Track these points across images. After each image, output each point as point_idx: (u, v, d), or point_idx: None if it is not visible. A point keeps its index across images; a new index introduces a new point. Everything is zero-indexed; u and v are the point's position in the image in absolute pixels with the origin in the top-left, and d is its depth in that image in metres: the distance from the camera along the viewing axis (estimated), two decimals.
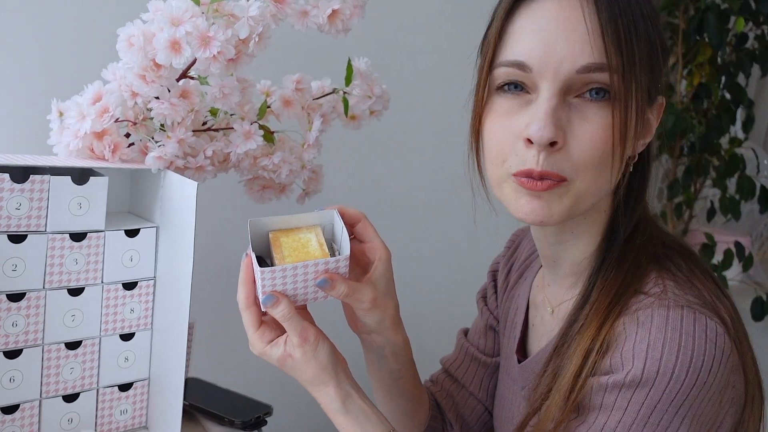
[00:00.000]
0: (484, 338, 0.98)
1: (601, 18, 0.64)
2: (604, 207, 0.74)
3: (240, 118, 0.95)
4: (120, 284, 0.89)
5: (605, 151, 0.65)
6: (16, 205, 0.80)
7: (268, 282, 0.73)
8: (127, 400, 0.93)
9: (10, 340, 0.82)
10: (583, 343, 0.68)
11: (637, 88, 0.65)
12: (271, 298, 0.73)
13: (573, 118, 0.65)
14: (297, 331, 0.74)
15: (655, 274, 0.70)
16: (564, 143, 0.65)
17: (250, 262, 0.75)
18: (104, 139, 0.87)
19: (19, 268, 0.82)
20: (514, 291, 0.93)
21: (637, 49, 0.65)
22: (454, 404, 0.98)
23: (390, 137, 1.44)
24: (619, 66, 0.64)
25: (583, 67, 0.65)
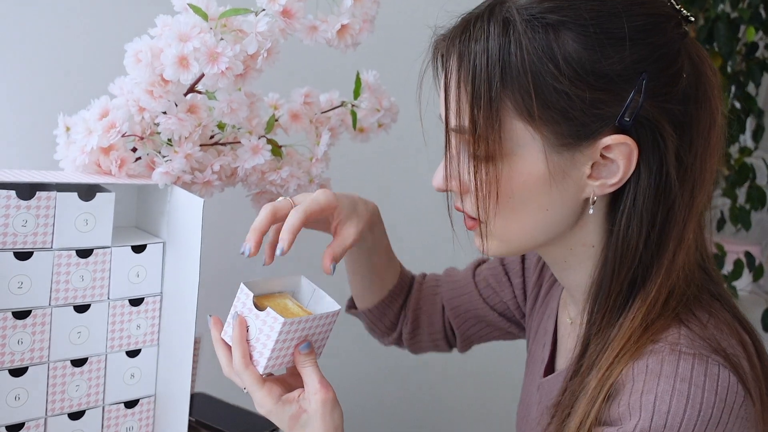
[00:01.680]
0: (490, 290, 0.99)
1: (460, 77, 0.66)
2: (590, 241, 0.71)
3: (248, 133, 0.94)
4: (126, 300, 0.89)
5: (491, 201, 0.67)
6: (22, 222, 0.79)
7: (284, 335, 0.72)
8: (133, 417, 0.92)
9: (15, 358, 0.81)
10: (591, 388, 0.66)
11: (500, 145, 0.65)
12: (309, 345, 0.73)
13: (462, 170, 0.69)
14: (318, 377, 0.72)
15: (675, 324, 0.67)
16: (463, 190, 0.70)
17: (243, 321, 0.74)
18: (111, 154, 0.87)
19: (24, 285, 0.81)
20: (547, 300, 0.91)
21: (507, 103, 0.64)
22: (423, 309, 1.01)
23: (398, 150, 1.43)
24: (470, 127, 0.66)
25: (448, 128, 0.69)
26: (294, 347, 0.74)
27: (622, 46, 0.63)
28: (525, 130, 0.65)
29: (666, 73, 0.65)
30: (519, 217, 0.68)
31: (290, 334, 0.72)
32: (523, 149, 0.66)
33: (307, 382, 0.72)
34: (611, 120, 0.64)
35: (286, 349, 0.74)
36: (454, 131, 0.68)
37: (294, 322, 0.71)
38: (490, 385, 1.65)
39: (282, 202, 0.79)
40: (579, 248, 0.72)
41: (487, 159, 0.66)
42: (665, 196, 0.66)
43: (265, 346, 0.72)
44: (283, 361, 0.75)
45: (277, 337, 0.71)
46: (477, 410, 1.65)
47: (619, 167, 0.66)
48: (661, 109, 0.65)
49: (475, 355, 1.62)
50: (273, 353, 0.72)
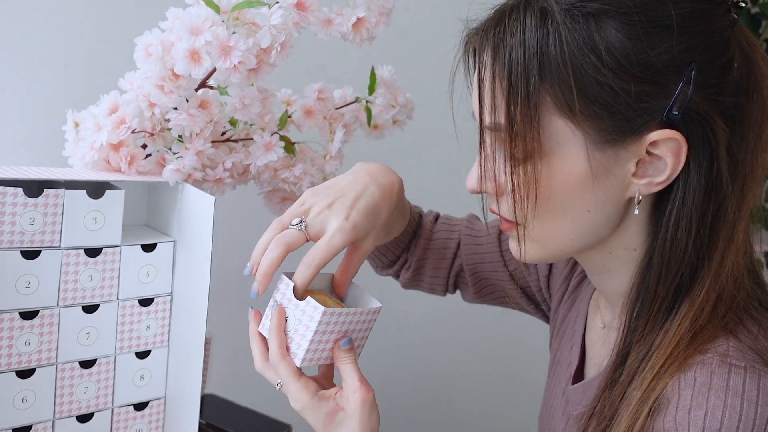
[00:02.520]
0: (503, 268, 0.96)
1: (495, 72, 0.63)
2: (631, 245, 0.68)
3: (260, 129, 0.92)
4: (136, 300, 0.87)
5: (530, 203, 0.64)
6: (29, 220, 0.77)
7: (323, 326, 0.69)
8: (143, 420, 0.90)
9: (23, 359, 0.80)
10: (635, 400, 0.63)
11: (540, 143, 0.62)
12: (349, 341, 0.71)
13: (498, 170, 0.66)
14: (358, 376, 0.70)
15: (723, 334, 0.64)
16: (500, 191, 0.67)
17: (282, 312, 0.71)
18: (120, 150, 0.85)
19: (32, 285, 0.79)
20: (574, 297, 0.88)
21: (546, 99, 0.61)
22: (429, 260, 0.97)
23: (413, 147, 1.41)
24: (507, 125, 0.63)
25: (483, 126, 0.66)
26: (333, 342, 0.71)
27: (669, 34, 0.60)
28: (565, 126, 0.62)
29: (716, 64, 0.61)
30: (559, 220, 0.65)
31: (330, 326, 0.70)
32: (563, 147, 0.62)
33: (346, 379, 0.70)
34: (658, 114, 0.61)
35: (325, 343, 0.71)
36: (489, 129, 0.65)
37: (334, 314, 0.69)
38: (506, 387, 1.62)
39: (295, 236, 0.72)
40: (620, 252, 0.69)
41: (524, 158, 0.63)
42: (715, 193, 0.63)
43: (303, 337, 0.70)
44: (321, 355, 0.72)
45: (316, 328, 0.69)
46: (491, 412, 1.62)
47: (667, 164, 0.62)
48: (712, 102, 0.61)
49: (491, 356, 1.60)
50: (311, 345, 0.70)
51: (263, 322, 0.74)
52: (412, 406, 1.53)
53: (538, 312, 0.97)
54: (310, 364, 0.72)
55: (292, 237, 0.72)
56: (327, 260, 0.71)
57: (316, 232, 0.73)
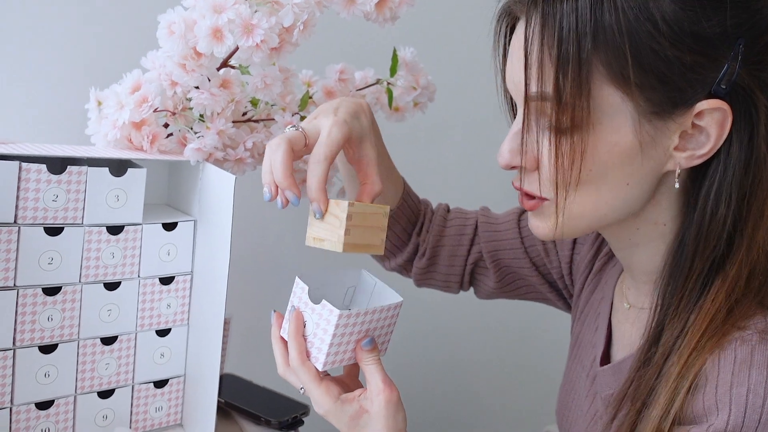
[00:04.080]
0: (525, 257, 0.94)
1: (543, 39, 0.61)
2: (661, 219, 0.67)
3: (281, 109, 0.92)
4: (157, 279, 0.87)
5: (558, 175, 0.63)
6: (52, 197, 0.78)
7: (342, 328, 0.68)
8: (163, 397, 0.91)
9: (45, 335, 0.80)
10: (672, 376, 0.62)
11: (588, 113, 0.61)
12: (371, 341, 0.70)
13: (540, 142, 0.64)
14: (382, 376, 0.68)
15: (761, 311, 0.63)
16: (534, 166, 0.65)
17: (300, 316, 0.70)
18: (143, 129, 0.85)
19: (55, 261, 0.80)
20: (598, 279, 0.86)
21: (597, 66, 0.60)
22: (445, 247, 0.95)
23: (434, 130, 1.40)
24: (555, 94, 0.61)
25: (528, 96, 0.63)
26: (355, 342, 0.70)
27: (722, 8, 0.59)
28: (615, 96, 0.61)
29: (762, 41, 0.61)
30: (596, 193, 0.64)
31: (348, 327, 0.68)
32: (611, 117, 0.61)
33: (369, 380, 0.69)
34: (707, 86, 0.61)
35: (346, 344, 0.70)
36: (534, 99, 0.63)
37: (351, 315, 0.68)
38: (524, 373, 1.62)
39: (295, 134, 0.71)
40: (648, 227, 0.68)
41: (571, 129, 0.61)
42: (753, 168, 0.63)
43: (322, 341, 0.68)
44: (343, 357, 0.71)
45: (334, 331, 0.67)
46: (510, 398, 1.62)
47: (710, 136, 0.62)
48: (755, 78, 0.61)
49: (509, 341, 1.59)
50: (331, 348, 0.68)
51: (284, 326, 0.73)
52: (429, 393, 1.53)
53: (560, 300, 0.96)
54: (333, 367, 0.71)
55: (292, 133, 0.71)
56: (333, 153, 0.70)
57: (313, 132, 0.72)
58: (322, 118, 0.73)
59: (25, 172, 0.76)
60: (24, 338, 0.79)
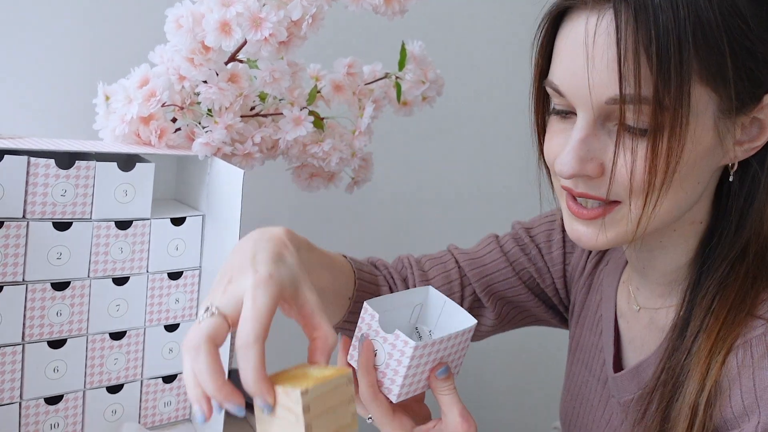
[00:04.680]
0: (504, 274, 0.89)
1: (638, 40, 0.57)
2: (699, 218, 0.66)
3: (289, 104, 0.91)
4: (165, 274, 0.87)
5: (650, 179, 0.59)
6: (61, 191, 0.78)
7: (417, 359, 0.64)
8: (171, 392, 0.91)
9: (54, 330, 0.80)
10: (693, 382, 0.61)
11: (686, 114, 0.58)
12: (447, 369, 0.66)
13: (609, 147, 0.61)
14: (459, 409, 0.65)
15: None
16: (599, 172, 0.62)
17: (370, 345, 0.65)
18: (151, 124, 0.85)
19: (63, 256, 0.79)
20: (594, 279, 0.84)
21: (694, 66, 0.57)
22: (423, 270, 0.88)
23: (443, 125, 1.39)
24: (654, 95, 0.57)
25: (610, 99, 0.59)
26: (429, 371, 0.66)
27: None
28: (704, 94, 0.58)
29: None
30: (675, 195, 0.61)
31: (423, 357, 0.64)
32: (698, 117, 0.59)
33: (446, 412, 0.65)
34: None
35: (420, 374, 0.66)
36: (628, 102, 0.58)
37: (427, 345, 0.64)
38: (533, 363, 1.62)
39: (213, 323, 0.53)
40: (685, 227, 0.66)
41: (663, 131, 0.58)
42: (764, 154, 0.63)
43: (396, 372, 0.64)
44: (417, 387, 0.67)
45: (409, 363, 0.63)
46: (519, 386, 1.62)
47: (763, 128, 0.62)
48: None
49: (513, 339, 1.59)
50: (406, 380, 0.64)
51: (351, 353, 0.68)
52: None
53: (555, 317, 0.93)
54: (405, 398, 0.67)
55: (209, 327, 0.53)
56: (265, 327, 0.53)
57: (233, 308, 0.55)
58: (238, 278, 0.56)
59: (33, 167, 0.76)
60: (33, 333, 0.79)
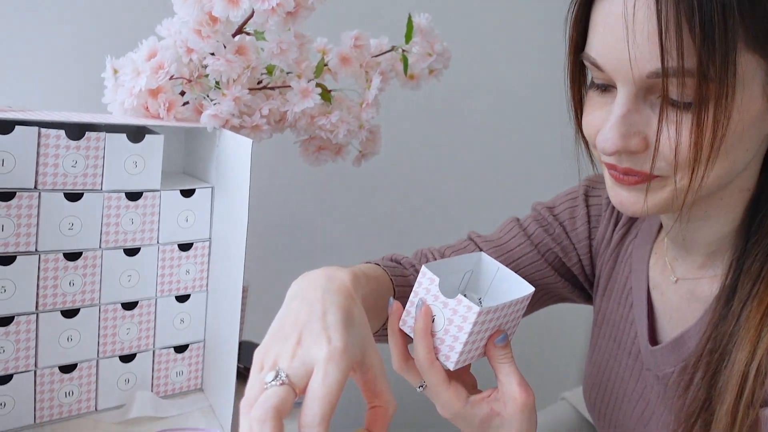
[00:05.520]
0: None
1: (680, 10, 0.54)
2: (747, 185, 0.65)
3: (296, 76, 0.92)
4: (176, 245, 0.88)
5: (696, 153, 0.58)
6: (72, 162, 0.79)
7: (478, 326, 0.62)
8: (183, 362, 0.92)
9: (67, 299, 0.82)
10: (743, 350, 0.60)
11: (732, 84, 0.56)
12: (505, 337, 0.64)
13: (653, 121, 0.59)
14: (518, 378, 0.63)
15: None
16: (643, 146, 0.60)
17: (429, 311, 0.63)
18: (159, 96, 0.85)
19: (75, 226, 0.81)
20: (621, 252, 0.83)
21: (739, 34, 0.56)
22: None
23: (449, 98, 1.39)
24: (699, 68, 0.55)
25: (652, 73, 0.57)
26: (487, 339, 0.64)
27: None
28: (752, 62, 0.57)
29: None
30: (721, 164, 0.59)
31: (485, 324, 0.63)
32: (746, 85, 0.57)
33: (503, 381, 0.64)
34: None
35: (479, 341, 0.64)
36: (671, 75, 0.56)
37: (491, 311, 0.62)
38: (548, 338, 1.62)
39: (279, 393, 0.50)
40: (733, 195, 0.66)
41: (709, 102, 0.56)
42: None
43: (456, 339, 0.63)
44: (474, 354, 0.65)
45: (471, 329, 0.62)
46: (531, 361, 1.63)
47: None
48: None
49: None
50: (465, 347, 0.63)
51: (404, 319, 0.66)
52: None
53: (581, 295, 0.92)
54: (462, 365, 0.65)
55: (276, 396, 0.50)
56: (332, 406, 0.51)
57: (302, 377, 0.52)
58: (309, 344, 0.54)
59: (44, 138, 0.77)
60: (47, 303, 0.80)
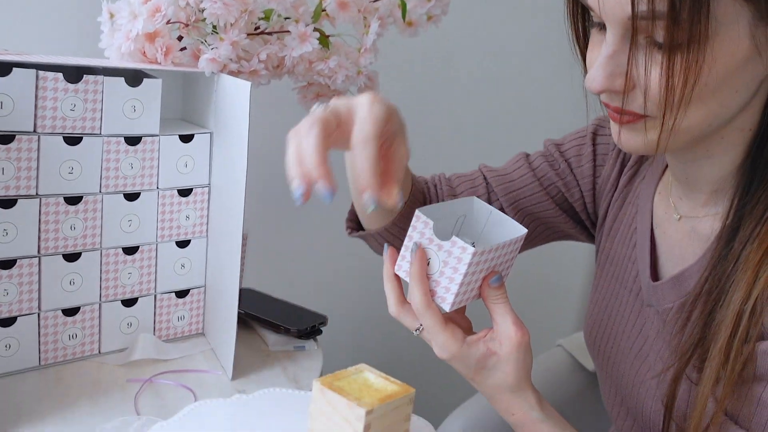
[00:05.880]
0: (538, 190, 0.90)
1: None
2: (747, 125, 0.66)
3: (294, 21, 0.91)
4: (175, 190, 0.88)
5: (667, 95, 0.59)
6: (70, 106, 0.79)
7: (473, 267, 0.63)
8: (185, 307, 0.93)
9: (69, 243, 0.82)
10: (739, 290, 0.61)
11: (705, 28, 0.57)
12: (500, 277, 0.65)
13: (640, 61, 0.60)
14: (513, 317, 0.64)
15: None
16: (631, 86, 0.61)
17: (424, 254, 0.64)
18: (156, 41, 0.85)
19: (75, 170, 0.81)
20: (629, 193, 0.84)
21: None
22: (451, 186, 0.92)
23: (448, 45, 1.39)
24: (669, 12, 0.56)
25: (633, 16, 0.58)
26: (482, 279, 0.65)
27: None
28: (731, 4, 0.57)
29: None
30: (707, 106, 0.61)
31: (479, 265, 0.63)
32: (727, 27, 0.58)
33: (498, 321, 0.65)
34: None
35: (474, 282, 0.65)
36: (641, 18, 0.57)
37: (485, 252, 0.63)
38: (543, 288, 1.64)
39: (326, 115, 0.58)
40: (734, 135, 0.66)
41: (686, 46, 0.57)
42: None
43: (451, 280, 0.63)
44: (470, 296, 0.66)
45: (466, 270, 0.62)
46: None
47: None
48: None
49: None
50: (461, 288, 0.64)
51: (399, 264, 0.67)
52: None
53: (582, 232, 0.94)
54: (458, 307, 0.66)
55: (322, 114, 0.58)
56: (379, 130, 0.58)
57: (346, 110, 0.60)
58: (353, 98, 0.61)
59: (42, 81, 0.76)
60: (48, 246, 0.81)
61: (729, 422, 0.65)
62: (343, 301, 1.38)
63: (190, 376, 0.86)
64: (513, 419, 0.68)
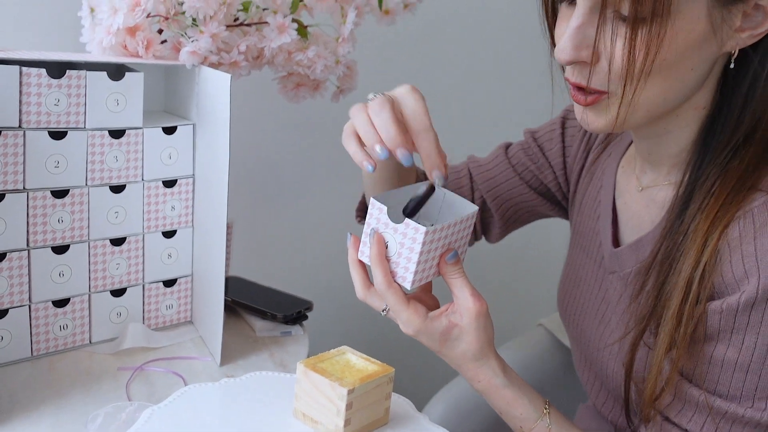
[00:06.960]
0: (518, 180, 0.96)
1: None
2: (701, 104, 0.69)
3: (272, 12, 0.92)
4: (160, 182, 0.90)
5: (628, 67, 0.62)
6: (54, 101, 0.80)
7: (428, 245, 0.66)
8: (172, 296, 0.95)
9: (57, 236, 0.84)
10: (688, 259, 0.65)
11: (668, 4, 0.60)
12: (456, 254, 0.68)
13: (606, 34, 0.63)
14: (470, 290, 0.68)
15: None
16: (595, 60, 0.64)
17: (381, 238, 0.67)
18: (137, 35, 0.86)
19: (61, 164, 0.82)
20: (597, 170, 0.88)
21: None
22: None
23: (424, 33, 1.40)
24: None
25: None
26: (439, 257, 0.69)
27: None
28: None
29: None
30: (665, 82, 0.64)
31: (434, 243, 0.67)
32: (687, 6, 0.61)
33: (457, 294, 0.69)
34: None
35: (432, 260, 0.68)
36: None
37: (437, 230, 0.66)
38: (523, 262, 1.67)
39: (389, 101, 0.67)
40: (689, 112, 0.70)
41: (649, 19, 0.60)
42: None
43: (409, 260, 0.66)
44: (429, 273, 0.69)
45: (421, 249, 0.65)
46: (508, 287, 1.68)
47: (767, 14, 0.63)
48: None
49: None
50: (419, 266, 0.67)
51: (361, 250, 0.70)
52: None
53: (560, 211, 0.99)
54: (419, 285, 0.69)
55: (388, 97, 0.68)
56: (430, 118, 0.68)
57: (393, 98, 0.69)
58: (394, 91, 0.70)
59: (26, 77, 0.78)
60: (37, 239, 0.83)
61: (684, 382, 0.68)
62: (327, 287, 1.40)
63: (179, 362, 0.88)
64: (479, 386, 0.72)
